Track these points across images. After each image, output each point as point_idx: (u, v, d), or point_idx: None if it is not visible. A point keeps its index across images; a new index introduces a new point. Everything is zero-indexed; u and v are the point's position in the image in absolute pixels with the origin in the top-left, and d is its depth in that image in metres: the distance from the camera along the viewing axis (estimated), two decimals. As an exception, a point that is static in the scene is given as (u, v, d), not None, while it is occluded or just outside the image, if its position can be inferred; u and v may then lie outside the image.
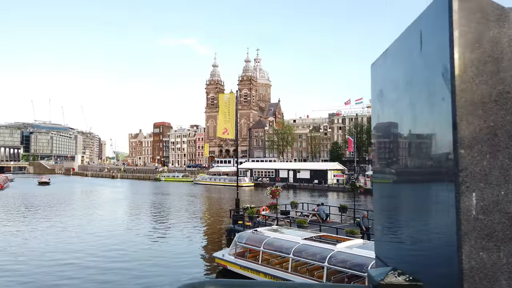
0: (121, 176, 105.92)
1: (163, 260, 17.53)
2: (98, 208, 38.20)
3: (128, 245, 20.25)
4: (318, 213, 22.65)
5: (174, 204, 42.61)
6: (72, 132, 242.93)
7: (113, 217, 31.65)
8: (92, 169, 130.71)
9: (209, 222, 29.95)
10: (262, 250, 13.73)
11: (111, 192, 61.84)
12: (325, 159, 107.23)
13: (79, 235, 23.45)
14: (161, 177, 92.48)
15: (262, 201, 43.69)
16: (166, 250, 19.71)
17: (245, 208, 22.49)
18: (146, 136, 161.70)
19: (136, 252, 18.87)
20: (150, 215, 32.89)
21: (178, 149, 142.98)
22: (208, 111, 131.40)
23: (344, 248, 11.91)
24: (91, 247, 19.93)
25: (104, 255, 18.36)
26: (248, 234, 15.05)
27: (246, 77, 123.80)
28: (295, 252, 12.67)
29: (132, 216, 32.37)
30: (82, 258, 17.69)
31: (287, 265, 12.79)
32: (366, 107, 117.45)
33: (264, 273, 13.33)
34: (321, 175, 63.38)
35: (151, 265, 16.30)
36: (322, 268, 11.81)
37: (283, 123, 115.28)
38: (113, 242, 21.44)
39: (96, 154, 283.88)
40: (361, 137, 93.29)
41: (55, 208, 38.28)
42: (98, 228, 25.93)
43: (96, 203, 43.53)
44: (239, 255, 14.65)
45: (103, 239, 22.22)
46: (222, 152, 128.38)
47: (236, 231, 21.52)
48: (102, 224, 27.89)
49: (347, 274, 11.21)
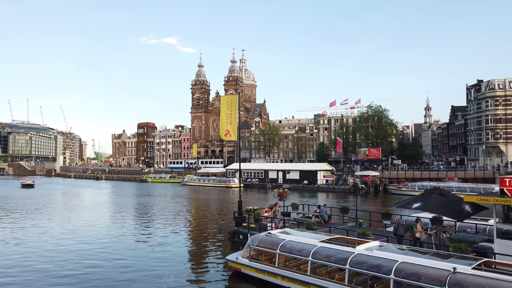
0: (105, 178, 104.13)
1: (171, 265, 17.25)
2: (93, 211, 37.54)
3: (131, 253, 19.68)
4: (321, 214, 22.87)
5: (168, 206, 42.13)
6: (52, 132, 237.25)
7: (111, 222, 31.16)
8: (75, 170, 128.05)
9: (208, 224, 29.76)
10: (278, 253, 13.77)
11: (99, 194, 60.80)
12: (311, 159, 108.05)
13: (82, 240, 23.04)
14: (147, 178, 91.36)
15: (252, 202, 43.75)
16: (172, 255, 19.32)
17: (248, 210, 22.45)
18: (130, 136, 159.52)
19: (139, 259, 18.37)
20: (147, 219, 32.34)
21: (163, 149, 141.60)
22: (194, 112, 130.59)
23: (364, 251, 12.07)
24: (94, 255, 19.59)
25: (107, 264, 18.05)
26: (262, 237, 15.06)
27: (232, 78, 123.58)
28: (314, 255, 12.77)
29: (129, 221, 31.79)
30: (87, 266, 17.40)
31: (306, 268, 12.87)
32: (350, 108, 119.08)
33: (282, 276, 13.39)
34: (310, 175, 63.82)
35: (158, 275, 15.75)
36: (343, 270, 11.95)
37: (269, 124, 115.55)
38: (116, 247, 21.13)
39: (77, 155, 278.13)
40: (347, 137, 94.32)
41: (47, 211, 37.41)
42: (100, 234, 25.52)
43: (88, 206, 42.78)
44: (253, 258, 14.65)
45: (104, 245, 21.92)
46: (208, 153, 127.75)
47: (240, 233, 21.55)
48: (104, 229, 27.51)
49: (369, 276, 11.38)
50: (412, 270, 10.51)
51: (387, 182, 60.20)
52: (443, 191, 15.08)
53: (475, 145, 77.06)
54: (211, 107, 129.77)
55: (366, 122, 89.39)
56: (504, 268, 10.35)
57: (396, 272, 10.57)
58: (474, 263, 10.14)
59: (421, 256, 11.08)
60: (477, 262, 10.19)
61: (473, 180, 56.58)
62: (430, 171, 64.20)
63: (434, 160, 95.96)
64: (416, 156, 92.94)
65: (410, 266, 10.63)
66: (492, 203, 13.16)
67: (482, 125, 73.55)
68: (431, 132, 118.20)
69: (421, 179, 58.81)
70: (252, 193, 57.60)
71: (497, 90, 71.16)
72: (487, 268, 10.34)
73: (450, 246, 12.85)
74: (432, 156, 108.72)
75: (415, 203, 14.82)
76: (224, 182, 70.66)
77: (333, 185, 60.92)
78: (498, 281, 9.10)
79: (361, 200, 47.72)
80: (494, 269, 10.39)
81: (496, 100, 71.20)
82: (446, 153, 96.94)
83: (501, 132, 70.89)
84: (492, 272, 9.72)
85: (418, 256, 11.11)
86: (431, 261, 10.50)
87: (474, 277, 9.48)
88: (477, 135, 75.92)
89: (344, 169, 72.43)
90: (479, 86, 76.56)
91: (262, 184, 68.07)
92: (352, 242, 13.70)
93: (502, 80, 72.01)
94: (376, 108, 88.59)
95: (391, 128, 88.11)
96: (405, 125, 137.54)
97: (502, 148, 70.71)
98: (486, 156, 73.13)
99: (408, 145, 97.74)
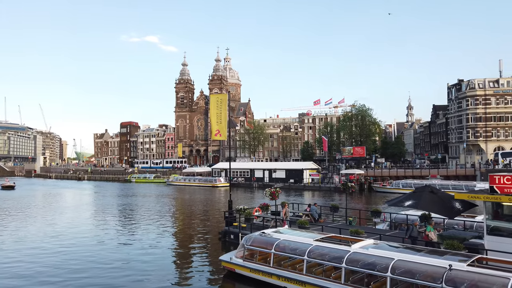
0: (88, 178, 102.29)
1: (161, 268, 16.88)
2: (76, 213, 36.80)
3: (118, 257, 19.02)
4: (311, 213, 22.96)
5: (154, 206, 41.64)
6: (31, 132, 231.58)
7: (95, 224, 30.54)
8: (55, 170, 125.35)
9: (197, 225, 29.55)
10: (273, 252, 13.76)
11: (82, 195, 59.67)
12: (296, 158, 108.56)
13: (64, 244, 22.57)
14: (131, 178, 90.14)
15: (239, 201, 43.61)
16: (161, 257, 18.94)
17: (239, 209, 22.37)
18: (112, 136, 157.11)
19: (127, 263, 17.84)
20: (133, 221, 31.67)
21: (146, 149, 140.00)
22: (178, 111, 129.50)
23: (360, 249, 12.16)
24: (77, 259, 19.17)
25: (92, 268, 17.71)
26: (256, 236, 15.01)
27: (217, 77, 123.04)
28: (310, 254, 12.80)
29: (114, 222, 31.23)
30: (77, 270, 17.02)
31: (301, 267, 12.89)
32: (333, 107, 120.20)
33: (277, 275, 13.38)
34: (296, 174, 64.13)
35: (149, 279, 15.36)
36: (339, 269, 12.02)
37: (254, 123, 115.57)
38: (101, 250, 20.72)
39: (57, 155, 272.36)
40: (332, 136, 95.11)
41: (30, 212, 36.50)
42: (84, 236, 25.04)
43: (70, 208, 41.90)
44: (247, 257, 14.59)
45: (88, 248, 21.51)
46: (193, 153, 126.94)
47: (231, 233, 21.47)
48: (88, 231, 26.99)
49: (366, 274, 11.46)
50: (408, 268, 10.64)
51: (372, 180, 60.97)
52: (434, 189, 15.33)
53: (456, 143, 78.82)
54: (196, 106, 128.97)
55: (350, 121, 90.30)
56: (496, 264, 10.59)
57: (393, 270, 10.68)
58: (469, 259, 10.33)
59: (417, 253, 11.24)
60: (471, 259, 10.39)
61: (455, 178, 57.86)
62: (414, 169, 65.34)
63: (416, 158, 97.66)
64: (399, 154, 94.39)
65: (407, 263, 10.76)
66: (483, 200, 13.45)
67: (462, 124, 75.26)
68: (413, 130, 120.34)
69: (405, 177, 59.79)
70: (239, 193, 57.47)
71: (477, 89, 72.93)
72: (481, 265, 10.56)
73: (443, 243, 13.08)
74: (414, 154, 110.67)
75: (407, 201, 15.02)
76: (210, 181, 70.32)
77: (319, 183, 61.35)
78: (492, 276, 9.30)
79: (346, 199, 48.17)
80: (487, 265, 10.63)
81: (476, 99, 72.98)
82: (428, 151, 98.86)
83: (481, 131, 72.70)
84: (486, 268, 9.93)
85: (414, 253, 11.26)
86: (427, 259, 10.65)
87: (470, 274, 9.67)
88: (458, 133, 77.67)
89: (329, 167, 73.01)
90: (460, 85, 78.30)
91: (248, 183, 68.05)
92: (346, 240, 13.80)
93: (482, 80, 73.84)
94: (360, 107, 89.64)
95: (375, 127, 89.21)
96: (387, 124, 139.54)
97: (482, 146, 72.53)
98: (466, 154, 74.91)
99: (391, 144, 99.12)
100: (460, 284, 9.50)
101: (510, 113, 72.11)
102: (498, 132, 72.25)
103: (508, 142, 71.90)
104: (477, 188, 43.51)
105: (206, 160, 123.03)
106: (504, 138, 71.99)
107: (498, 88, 72.42)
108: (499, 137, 72.14)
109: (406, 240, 14.60)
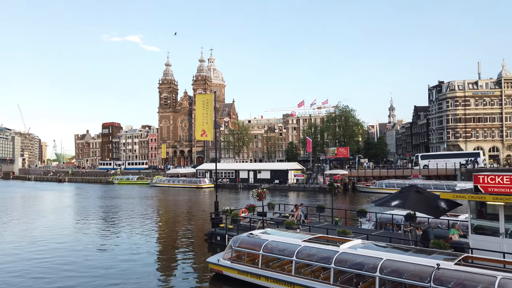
0: (69, 180, 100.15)
1: (146, 271, 16.53)
2: (56, 216, 35.92)
3: (102, 261, 18.59)
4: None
5: (137, 208, 40.97)
6: (9, 133, 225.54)
7: (76, 227, 29.78)
8: (35, 172, 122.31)
9: (182, 227, 29.21)
10: (261, 253, 13.66)
11: (62, 197, 58.33)
12: (280, 159, 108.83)
13: (43, 249, 21.92)
14: (114, 180, 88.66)
15: (224, 202, 43.34)
16: (145, 260, 18.45)
17: (225, 210, 22.20)
18: (94, 137, 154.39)
19: (113, 268, 17.35)
20: (116, 223, 30.91)
21: (129, 150, 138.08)
22: (162, 111, 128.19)
23: (348, 249, 12.17)
24: (60, 265, 18.68)
25: (77, 273, 17.28)
26: (244, 237, 14.89)
27: (201, 77, 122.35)
28: (298, 254, 12.75)
29: (96, 225, 30.53)
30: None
31: (290, 268, 12.83)
32: (317, 108, 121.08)
33: (266, 277, 13.28)
34: (281, 175, 64.25)
35: (137, 282, 15.05)
36: (328, 269, 12.01)
37: (238, 124, 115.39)
38: (83, 255, 20.23)
39: (36, 157, 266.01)
40: (316, 137, 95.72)
41: (5, 217, 35.43)
42: (65, 241, 24.42)
43: (50, 210, 40.90)
44: (235, 259, 14.46)
45: (69, 253, 20.98)
46: (177, 154, 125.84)
47: (218, 234, 21.28)
48: (68, 235, 26.29)
49: (354, 274, 11.48)
50: (397, 267, 10.69)
51: (355, 180, 61.58)
52: (420, 189, 15.49)
53: (437, 144, 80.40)
54: (180, 107, 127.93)
55: (333, 122, 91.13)
56: (482, 263, 10.76)
57: (382, 270, 10.72)
58: (456, 258, 10.46)
59: (405, 253, 11.32)
60: (458, 258, 10.52)
61: (436, 177, 58.97)
62: (396, 169, 66.30)
63: (398, 158, 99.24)
64: (381, 154, 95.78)
65: (395, 263, 10.82)
66: (468, 199, 13.66)
67: (443, 125, 76.87)
68: (395, 131, 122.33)
69: (388, 177, 60.61)
70: (224, 193, 57.15)
71: (457, 91, 74.62)
72: (467, 263, 10.71)
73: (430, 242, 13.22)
74: (396, 155, 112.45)
75: (394, 201, 15.13)
76: (195, 182, 69.77)
77: (303, 184, 61.60)
78: (480, 275, 9.42)
79: (331, 199, 48.48)
80: (473, 264, 10.79)
81: (456, 101, 74.65)
82: (410, 152, 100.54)
83: (461, 131, 74.39)
84: (473, 267, 10.07)
85: (402, 253, 11.33)
86: (415, 258, 10.73)
87: (457, 272, 9.77)
88: (439, 134, 79.27)
89: (314, 168, 73.41)
90: (440, 87, 79.98)
91: (233, 184, 67.81)
92: (334, 240, 13.82)
93: (462, 82, 75.59)
94: (343, 108, 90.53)
95: (358, 128, 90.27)
96: (370, 125, 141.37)
97: (462, 147, 74.18)
98: (447, 154, 76.44)
99: (373, 144, 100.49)
100: (448, 283, 9.59)
101: (488, 114, 74.01)
102: (477, 133, 74.06)
103: (487, 143, 73.79)
104: (458, 188, 44.41)
105: (190, 161, 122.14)
106: (483, 138, 73.86)
107: (477, 90, 74.26)
108: (478, 137, 73.97)
109: (418, 244, 14.52)
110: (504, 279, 8.88)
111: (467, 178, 56.23)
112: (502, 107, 73.13)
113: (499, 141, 73.41)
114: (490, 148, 73.76)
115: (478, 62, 79.74)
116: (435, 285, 9.60)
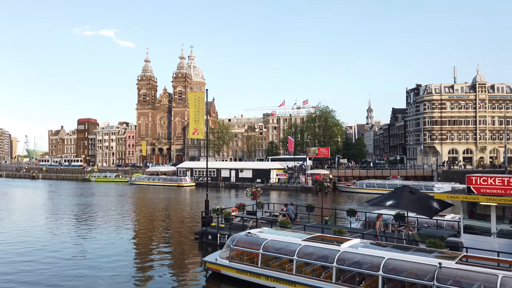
0: (43, 177, 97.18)
1: (139, 273, 16.33)
2: (28, 215, 34.75)
3: (80, 264, 17.90)
4: (288, 212, 23.14)
5: (117, 208, 40.10)
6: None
7: (50, 227, 28.09)
8: (6, 169, 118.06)
9: (168, 226, 28.88)
10: (261, 252, 13.68)
11: (35, 195, 56.51)
12: (260, 158, 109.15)
13: (17, 249, 21.24)
14: (90, 177, 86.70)
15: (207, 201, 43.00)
16: (135, 263, 18.04)
17: (216, 209, 22.11)
18: (69, 133, 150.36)
19: (112, 269, 17.19)
20: (96, 224, 29.16)
21: (106, 147, 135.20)
22: (140, 108, 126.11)
23: (349, 248, 12.35)
24: (51, 267, 18.12)
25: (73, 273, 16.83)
26: (242, 236, 14.87)
27: (181, 74, 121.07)
28: (299, 253, 12.85)
29: (75, 226, 29.30)
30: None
31: (290, 267, 12.91)
32: (297, 108, 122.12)
33: (266, 276, 13.32)
34: (263, 174, 64.44)
35: (132, 284, 14.87)
36: (329, 268, 12.16)
37: (219, 122, 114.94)
38: (61, 257, 19.62)
39: (7, 153, 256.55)
40: (296, 137, 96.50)
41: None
42: (39, 241, 23.71)
43: (22, 208, 39.56)
44: (233, 258, 14.43)
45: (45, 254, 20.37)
46: (155, 151, 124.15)
47: (209, 233, 21.16)
48: (42, 235, 25.48)
49: (356, 273, 11.67)
50: (399, 266, 10.95)
51: (336, 180, 62.48)
52: (413, 189, 15.90)
53: (414, 145, 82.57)
54: (159, 104, 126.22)
55: (313, 122, 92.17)
56: (480, 262, 11.15)
57: (384, 269, 10.95)
58: (456, 257, 10.80)
59: (406, 252, 11.58)
60: (458, 257, 10.87)
61: (414, 178, 60.65)
62: (375, 170, 67.71)
63: (376, 159, 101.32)
64: (360, 155, 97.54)
65: (397, 262, 11.07)
66: (461, 200, 14.13)
67: (420, 127, 78.98)
68: (373, 132, 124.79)
69: (367, 177, 61.87)
70: (205, 192, 56.82)
71: (434, 94, 76.84)
72: (466, 262, 11.07)
73: (425, 242, 13.60)
74: (374, 155, 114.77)
75: (388, 201, 15.47)
76: (176, 181, 69.02)
77: (285, 183, 62.00)
78: (481, 274, 9.78)
79: (312, 198, 49.11)
80: (468, 262, 11.17)
81: (433, 104, 76.85)
82: (387, 153, 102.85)
83: (437, 134, 76.66)
84: (474, 266, 10.42)
85: (403, 252, 11.60)
86: (417, 257, 11.01)
87: (459, 271, 10.10)
88: (416, 136, 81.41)
89: (295, 167, 73.93)
90: (418, 90, 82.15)
91: (214, 183, 67.49)
92: (332, 240, 14.00)
93: (438, 85, 77.88)
94: (323, 109, 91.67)
95: (337, 128, 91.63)
96: (348, 126, 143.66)
97: (437, 148, 76.50)
98: (423, 156, 78.70)
99: (352, 145, 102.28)
100: (451, 282, 9.89)
101: (463, 117, 76.58)
102: (452, 135, 76.51)
103: (461, 145, 76.34)
104: (436, 188, 45.92)
105: (169, 159, 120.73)
106: (458, 141, 76.37)
107: (452, 94, 76.70)
108: (453, 140, 76.43)
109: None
110: (505, 277, 9.24)
111: (443, 179, 58.19)
112: (476, 110, 75.84)
113: (472, 144, 76.10)
114: (464, 150, 76.37)
115: (454, 67, 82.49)
116: (438, 284, 9.89)
